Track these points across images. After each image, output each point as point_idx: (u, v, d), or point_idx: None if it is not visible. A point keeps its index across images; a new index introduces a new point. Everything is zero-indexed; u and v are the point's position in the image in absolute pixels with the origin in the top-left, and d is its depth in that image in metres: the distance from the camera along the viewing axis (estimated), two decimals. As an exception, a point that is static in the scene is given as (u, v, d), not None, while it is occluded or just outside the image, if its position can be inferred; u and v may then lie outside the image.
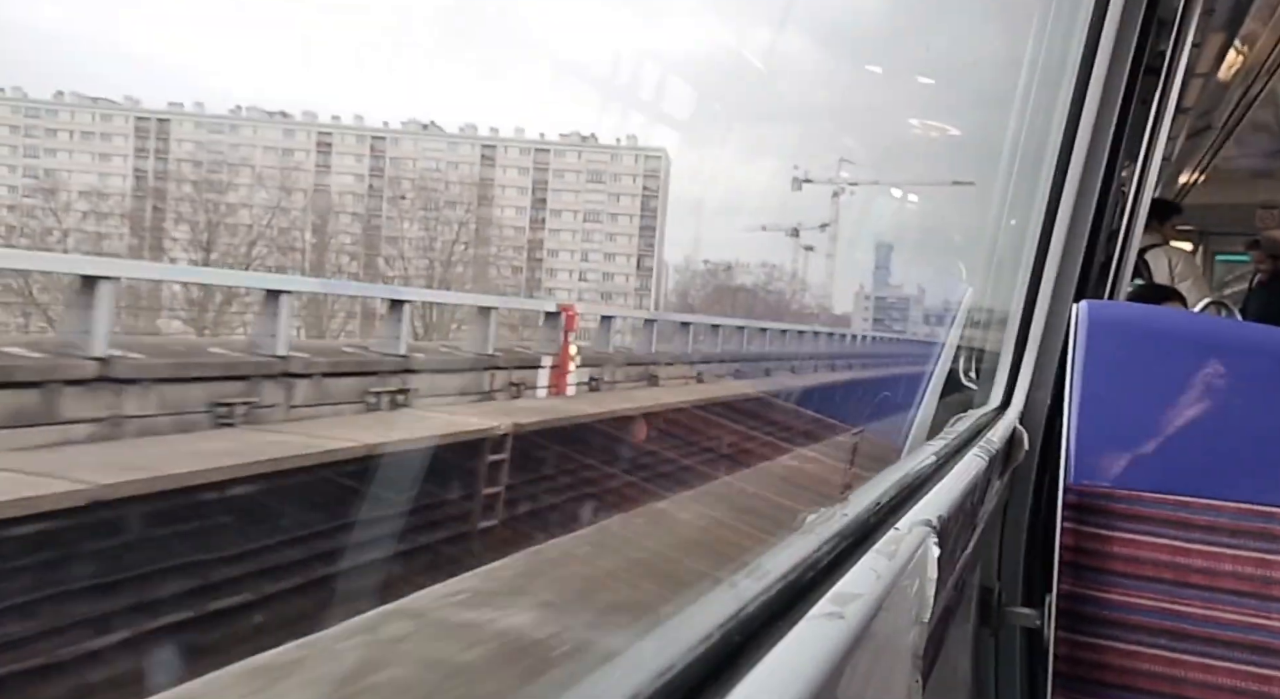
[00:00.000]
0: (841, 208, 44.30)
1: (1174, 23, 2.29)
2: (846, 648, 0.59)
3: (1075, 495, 1.74)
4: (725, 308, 46.15)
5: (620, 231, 55.00)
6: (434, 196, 50.81)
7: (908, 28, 6.57)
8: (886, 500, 0.96)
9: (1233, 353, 1.76)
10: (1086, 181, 2.04)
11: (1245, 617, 1.62)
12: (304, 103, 51.56)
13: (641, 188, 55.19)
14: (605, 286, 55.07)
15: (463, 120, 53.40)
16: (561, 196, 54.83)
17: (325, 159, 51.36)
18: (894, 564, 0.75)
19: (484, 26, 43.84)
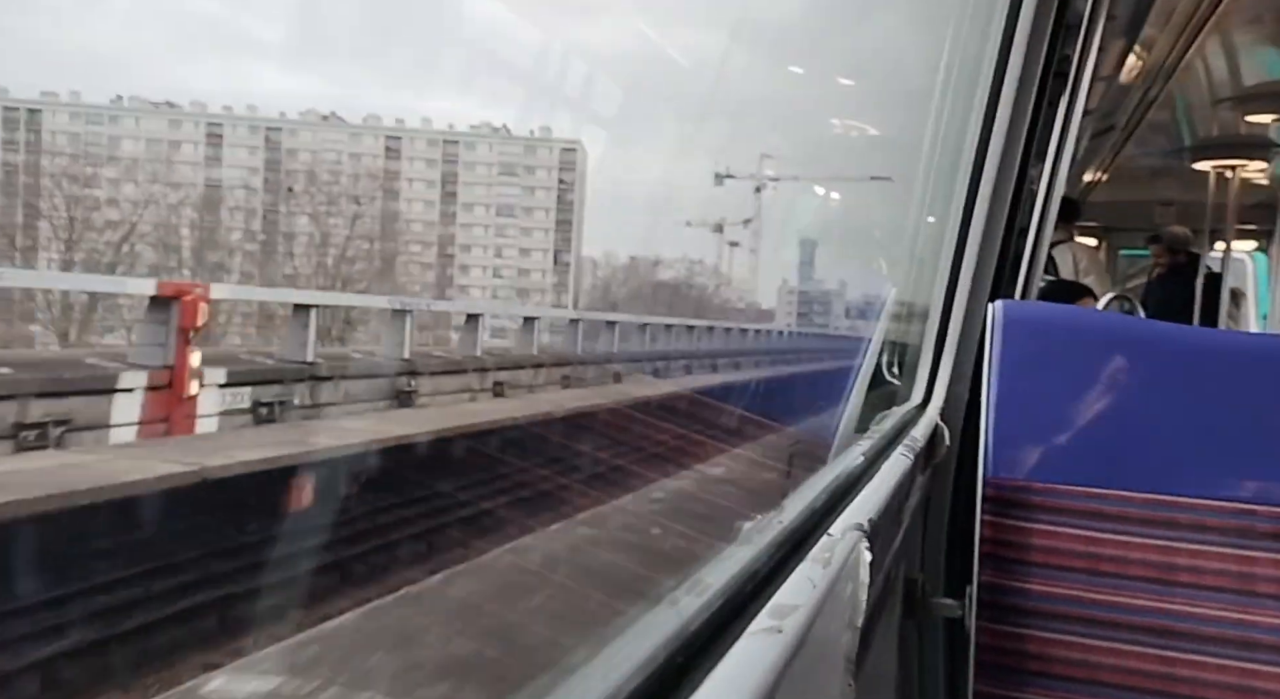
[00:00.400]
0: (764, 203, 44.13)
1: (1080, 28, 2.37)
2: (785, 661, 0.59)
3: (993, 489, 1.79)
4: (649, 303, 45.57)
5: (536, 226, 53.44)
6: (333, 190, 48.27)
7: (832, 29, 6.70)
8: (820, 505, 0.97)
9: (1137, 350, 1.83)
10: (1001, 181, 2.10)
11: (1151, 602, 1.69)
12: (193, 92, 49.24)
13: (557, 181, 53.61)
14: (521, 283, 53.33)
15: (367, 110, 51.31)
16: (473, 190, 52.99)
17: (215, 151, 48.95)
18: (829, 572, 0.76)
19: (400, 16, 42.14)
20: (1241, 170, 5.64)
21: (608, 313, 29.47)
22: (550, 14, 50.55)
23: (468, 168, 53.00)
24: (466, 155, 53.44)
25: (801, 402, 12.62)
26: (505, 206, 53.46)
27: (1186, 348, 1.84)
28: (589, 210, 56.57)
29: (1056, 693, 1.73)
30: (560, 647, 0.87)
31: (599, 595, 4.96)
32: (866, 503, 1.01)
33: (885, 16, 3.96)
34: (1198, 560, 1.69)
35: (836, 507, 0.99)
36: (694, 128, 32.65)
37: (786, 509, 0.91)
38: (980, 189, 2.09)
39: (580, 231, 54.54)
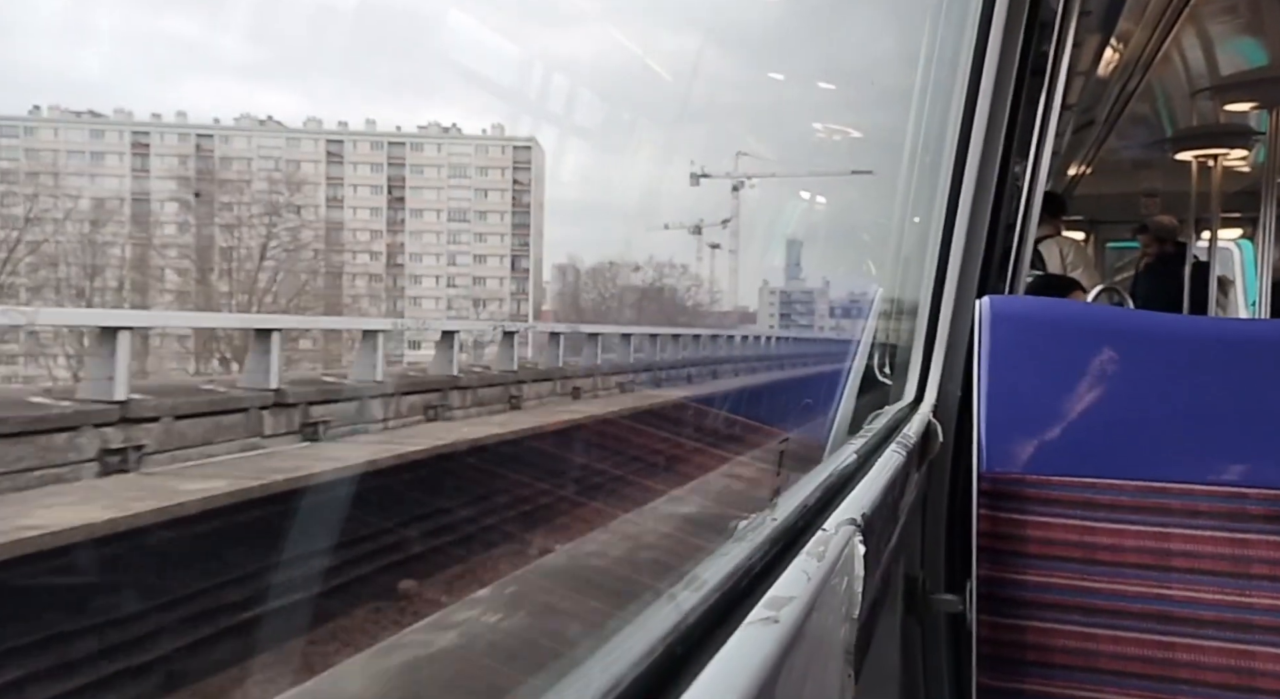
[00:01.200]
0: (742, 202, 42.21)
1: (1054, 24, 2.40)
2: (782, 651, 0.61)
3: (988, 483, 1.81)
4: (619, 311, 43.90)
5: (491, 231, 50.02)
6: (273, 199, 44.33)
7: (810, 29, 6.74)
8: (813, 502, 0.99)
9: (1125, 340, 1.86)
10: (983, 179, 2.13)
11: (1148, 588, 1.71)
12: (117, 99, 45.60)
13: (512, 181, 50.18)
14: (476, 292, 50.02)
15: (307, 114, 47.70)
16: (422, 194, 49.40)
17: (142, 162, 44.81)
18: (823, 565, 0.78)
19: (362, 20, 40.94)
20: (1223, 159, 5.69)
21: (567, 324, 28.35)
22: (517, 20, 49.30)
23: (415, 171, 49.83)
24: (414, 158, 50.16)
25: (792, 408, 12.11)
26: (457, 211, 50.44)
27: (1173, 336, 1.86)
28: (550, 213, 53.73)
29: (1058, 682, 1.74)
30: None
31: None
32: (860, 498, 1.03)
33: (862, 18, 4.00)
34: (1192, 545, 1.71)
35: (830, 503, 1.00)
36: (669, 130, 32.42)
37: (780, 507, 0.92)
38: (963, 186, 2.12)
39: (540, 235, 51.59)
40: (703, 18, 29.61)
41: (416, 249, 49.82)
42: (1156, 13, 4.13)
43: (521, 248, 50.85)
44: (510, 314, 48.36)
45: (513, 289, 51.06)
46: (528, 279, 50.53)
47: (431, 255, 49.97)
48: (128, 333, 10.80)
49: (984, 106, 2.08)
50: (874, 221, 3.23)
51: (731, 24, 36.02)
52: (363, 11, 36.15)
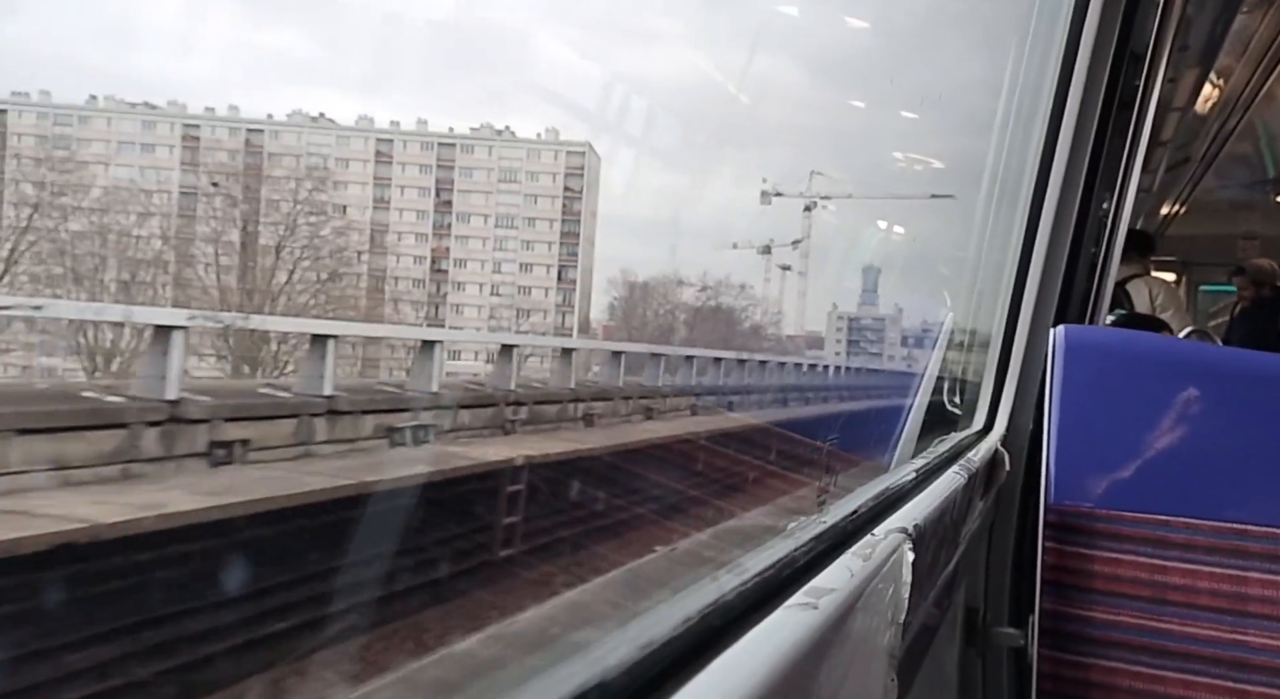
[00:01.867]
0: (814, 223, 39.39)
1: (1145, 57, 2.37)
2: (819, 637, 0.63)
3: (1056, 515, 1.78)
4: (672, 330, 42.13)
5: (539, 238, 47.96)
6: (318, 199, 43.45)
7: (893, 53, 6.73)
8: (865, 510, 1.00)
9: (1208, 376, 1.81)
10: (1063, 210, 2.10)
11: (1222, 633, 1.66)
12: (168, 91, 43.68)
13: (563, 188, 47.93)
14: (521, 302, 47.74)
15: (358, 112, 45.83)
16: (470, 198, 47.58)
17: (192, 155, 43.14)
18: (868, 565, 0.79)
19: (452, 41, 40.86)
20: (1329, 203, 5.47)
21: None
22: (602, 41, 49.01)
23: (464, 173, 47.86)
24: (464, 160, 48.14)
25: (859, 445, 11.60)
26: (505, 216, 48.27)
27: (1254, 374, 1.81)
28: (616, 226, 50.83)
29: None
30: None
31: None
32: (913, 511, 1.04)
33: (945, 43, 3.98)
34: (1272, 591, 1.65)
35: (883, 513, 1.02)
36: (746, 151, 32.04)
37: (830, 512, 0.94)
38: (1041, 219, 2.10)
39: (590, 245, 49.00)
40: (786, 40, 29.63)
41: (461, 255, 48.08)
42: (1260, 49, 4.02)
43: (570, 258, 48.67)
44: (555, 326, 46.79)
45: (558, 300, 48.67)
46: (574, 290, 48.49)
47: (476, 261, 48.19)
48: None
49: (1066, 137, 2.06)
50: (950, 252, 3.21)
51: (815, 47, 35.75)
52: (452, 30, 36.90)
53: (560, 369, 17.87)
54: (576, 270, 48.38)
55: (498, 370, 16.23)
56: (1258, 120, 4.85)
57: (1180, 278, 7.09)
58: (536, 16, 46.02)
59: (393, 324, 42.07)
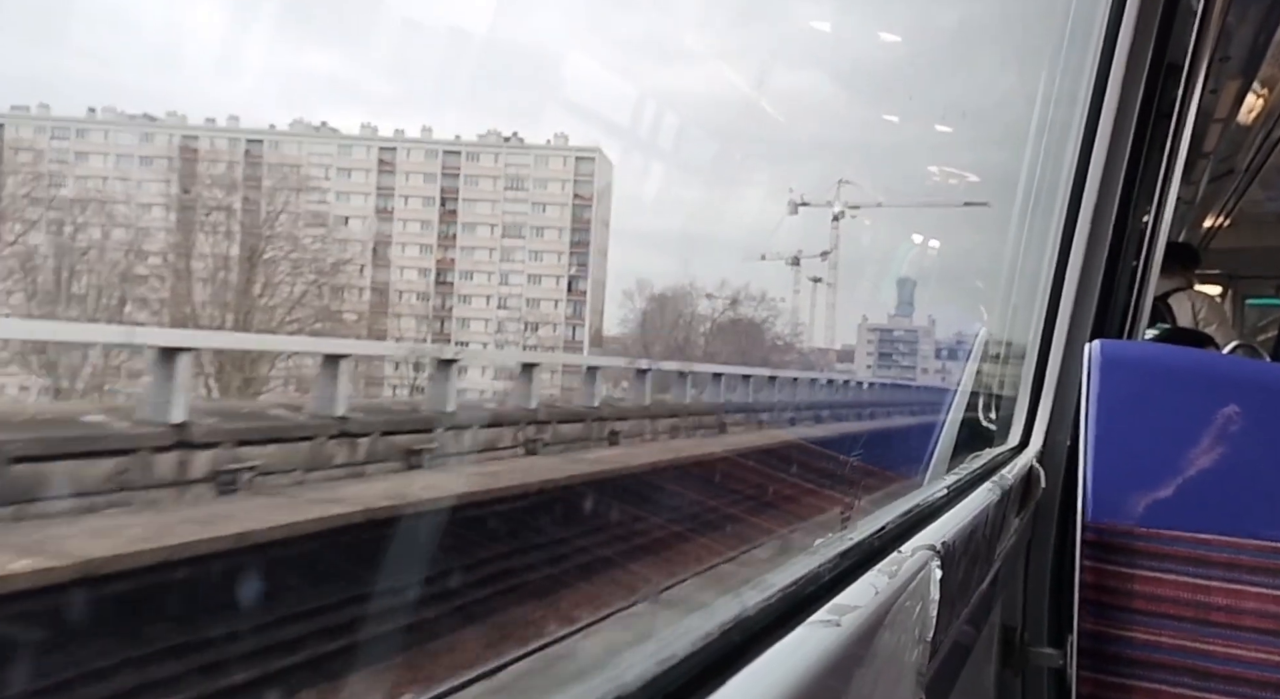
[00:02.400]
0: (843, 233, 37.63)
1: (1183, 68, 2.34)
2: (841, 654, 0.63)
3: (1094, 533, 1.75)
4: (692, 344, 39.75)
5: (547, 248, 45.79)
6: (321, 211, 41.42)
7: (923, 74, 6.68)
8: (893, 527, 0.99)
9: (1250, 391, 1.77)
10: (1099, 223, 2.08)
11: (1269, 655, 1.62)
12: (165, 102, 41.49)
13: (572, 195, 45.63)
14: (530, 315, 45.30)
15: (363, 120, 44.59)
16: (476, 207, 45.38)
17: (190, 167, 40.70)
18: (894, 583, 0.79)
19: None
20: (1380, 214, 5.34)
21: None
22: (632, 58, 48.31)
23: (470, 182, 45.71)
24: (469, 168, 45.90)
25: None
26: (513, 226, 46.01)
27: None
28: (630, 235, 48.84)
29: None
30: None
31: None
32: (942, 528, 1.03)
33: (980, 59, 3.96)
34: None
35: (911, 530, 1.01)
36: (779, 166, 31.53)
37: (858, 528, 0.94)
38: (1077, 229, 2.08)
39: (603, 256, 46.69)
40: (820, 55, 29.51)
41: (467, 266, 45.79)
42: (1304, 59, 3.94)
43: (580, 268, 46.14)
44: (566, 340, 44.84)
45: (568, 313, 46.06)
46: (585, 302, 45.96)
47: (483, 273, 45.89)
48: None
49: (1101, 149, 2.04)
50: (984, 264, 3.18)
51: (844, 60, 35.46)
52: (489, 48, 36.75)
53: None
54: (587, 282, 46.02)
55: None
56: (1304, 130, 4.75)
57: (1226, 291, 6.95)
58: (569, 34, 45.60)
59: (415, 340, 41.21)
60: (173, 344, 10.78)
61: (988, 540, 1.37)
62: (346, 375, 11.84)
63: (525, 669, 6.41)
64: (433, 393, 13.65)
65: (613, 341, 43.80)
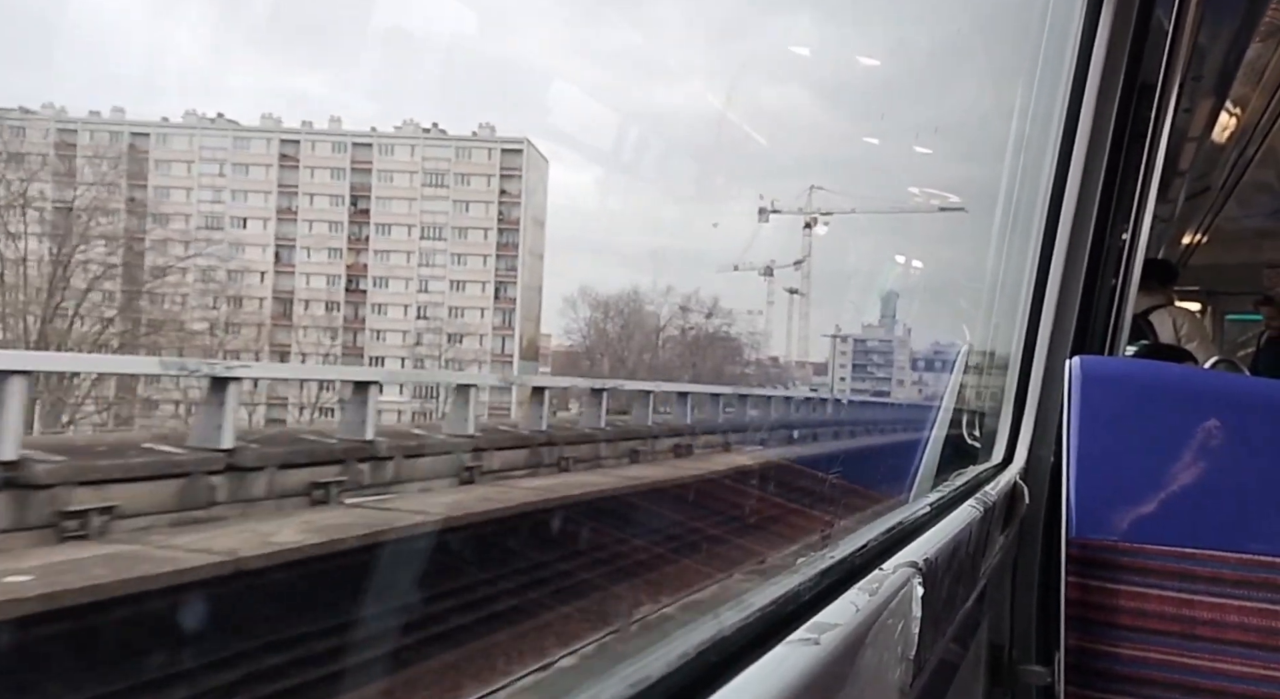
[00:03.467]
0: (815, 242, 34.47)
1: (1156, 88, 2.37)
2: (820, 672, 0.62)
3: (1078, 549, 1.75)
4: (641, 357, 36.41)
5: (472, 251, 40.65)
6: (216, 210, 37.46)
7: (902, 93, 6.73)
8: (874, 545, 0.99)
9: (1229, 405, 1.79)
10: (1076, 242, 2.10)
11: (1254, 669, 1.62)
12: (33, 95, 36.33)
13: (498, 192, 40.35)
14: (453, 326, 40.43)
15: (263, 110, 39.54)
16: (390, 206, 40.28)
17: (68, 163, 34.44)
18: (875, 600, 0.79)
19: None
20: (1355, 229, 5.41)
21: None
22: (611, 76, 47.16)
23: (384, 178, 40.42)
24: (383, 162, 40.50)
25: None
26: (432, 226, 40.86)
27: (1277, 403, 1.78)
28: (556, 231, 42.86)
29: None
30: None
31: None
32: (924, 545, 1.03)
33: (959, 78, 4.01)
34: None
35: (893, 548, 1.01)
36: (760, 183, 30.94)
37: (839, 547, 0.94)
38: (1055, 248, 2.10)
39: (538, 259, 41.98)
40: (800, 73, 29.48)
41: (382, 272, 40.77)
42: (1275, 77, 4.01)
43: (508, 273, 41.14)
44: (493, 352, 40.18)
45: (497, 322, 40.97)
46: (515, 310, 41.12)
47: (399, 279, 40.74)
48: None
49: (1077, 168, 2.06)
50: (963, 279, 3.20)
51: (828, 77, 35.47)
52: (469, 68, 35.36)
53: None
54: (517, 287, 41.25)
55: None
56: (1278, 147, 4.82)
57: (1205, 307, 7.02)
58: (553, 51, 44.70)
59: (324, 356, 36.54)
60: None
61: (971, 558, 1.37)
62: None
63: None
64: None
65: (556, 355, 39.91)
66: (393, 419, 16.68)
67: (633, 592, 9.36)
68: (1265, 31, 3.47)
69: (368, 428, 11.80)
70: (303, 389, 30.74)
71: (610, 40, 46.22)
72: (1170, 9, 2.30)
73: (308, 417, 28.78)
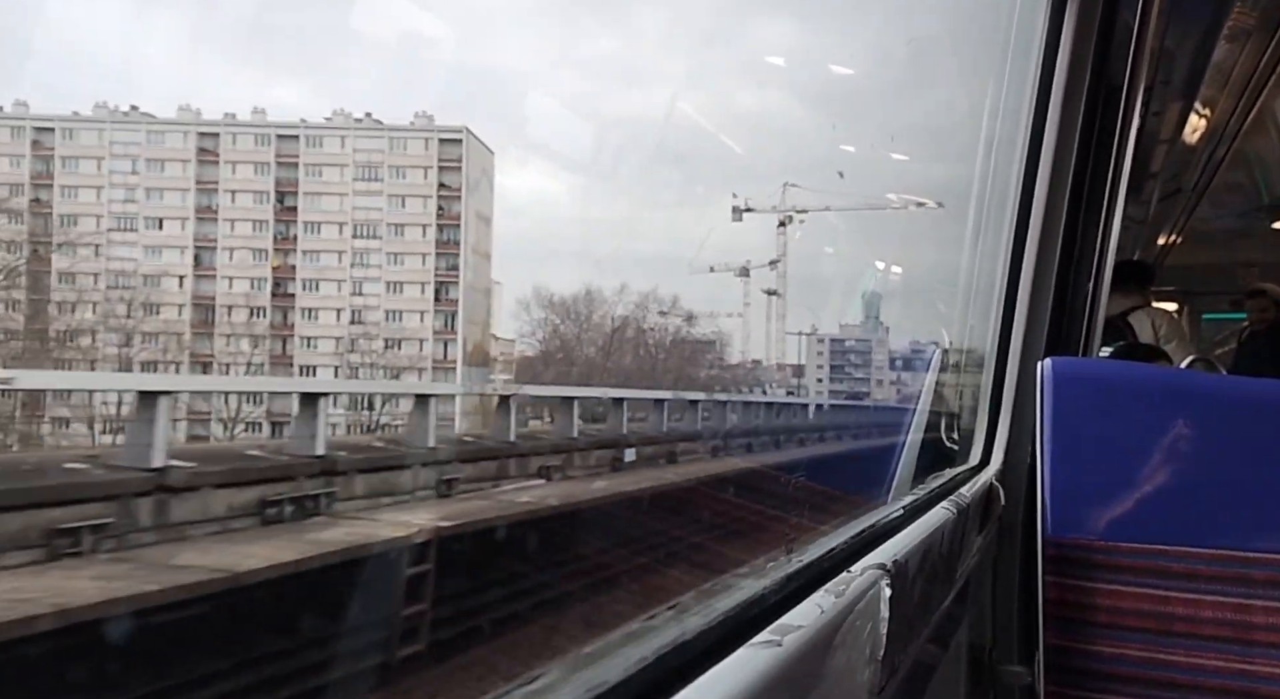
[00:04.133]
0: (790, 241, 32.44)
1: (1122, 92, 2.40)
2: (781, 674, 0.62)
3: (1054, 548, 1.76)
4: (602, 362, 34.44)
5: (409, 250, 37.86)
6: (129, 210, 35.16)
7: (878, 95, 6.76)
8: (842, 548, 1.00)
9: (1199, 403, 1.80)
10: (1046, 244, 2.12)
11: (1229, 663, 1.63)
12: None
13: (436, 185, 37.45)
14: (392, 330, 37.51)
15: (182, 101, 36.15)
16: (320, 202, 37.35)
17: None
18: (841, 602, 0.79)
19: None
20: (1326, 227, 5.49)
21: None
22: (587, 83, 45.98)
23: (312, 172, 37.39)
24: (311, 155, 37.36)
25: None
26: (366, 224, 37.95)
27: (1246, 400, 1.80)
28: (504, 229, 39.84)
29: None
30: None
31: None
32: (893, 547, 1.03)
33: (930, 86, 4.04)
34: (1277, 618, 1.63)
35: (862, 551, 1.01)
36: (746, 188, 30.41)
37: (808, 551, 0.94)
38: (1025, 251, 2.12)
39: (486, 259, 39.08)
40: (779, 78, 29.29)
41: (311, 274, 37.67)
42: (1242, 80, 4.06)
43: (450, 273, 38.02)
44: (435, 359, 37.74)
45: (438, 326, 37.75)
46: (457, 313, 38.02)
47: (331, 281, 37.69)
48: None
49: (1045, 172, 2.08)
50: (932, 279, 3.21)
51: (819, 84, 35.34)
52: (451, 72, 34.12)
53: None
54: (459, 289, 38.09)
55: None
56: (1247, 149, 4.88)
57: (1182, 307, 7.08)
58: (535, 60, 43.89)
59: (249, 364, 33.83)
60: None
61: (945, 559, 1.37)
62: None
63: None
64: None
65: (509, 361, 37.28)
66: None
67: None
68: (1230, 34, 3.52)
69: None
70: (228, 402, 28.94)
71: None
72: (1135, 11, 2.33)
73: (240, 431, 27.24)
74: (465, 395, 20.27)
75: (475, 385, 27.51)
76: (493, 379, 32.62)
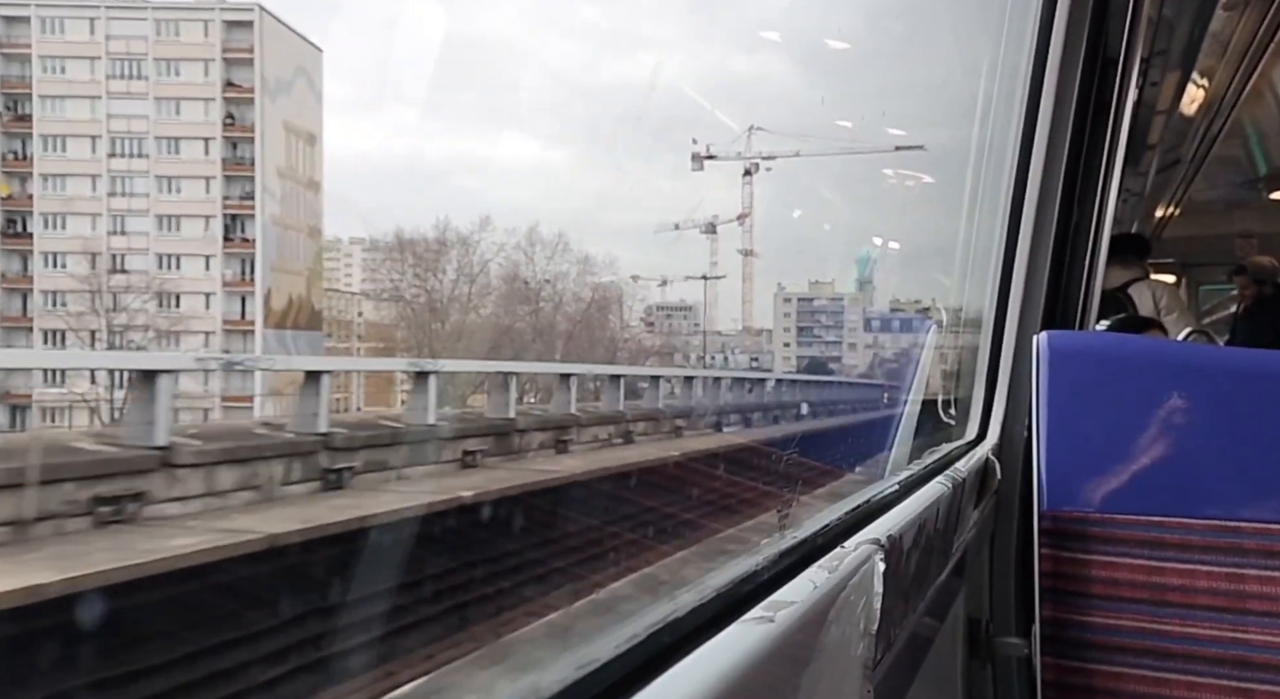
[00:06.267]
0: (757, 192, 27.30)
1: (1119, 62, 2.38)
2: (774, 650, 0.63)
3: (1050, 521, 1.77)
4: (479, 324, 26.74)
5: (188, 173, 27.47)
6: None
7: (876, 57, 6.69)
8: (837, 523, 1.00)
9: (1193, 375, 1.81)
10: (1042, 217, 2.11)
11: (1223, 632, 1.64)
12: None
13: (222, 84, 27.13)
14: (166, 283, 27.15)
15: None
16: (63, 109, 27.09)
17: None
18: (834, 577, 0.79)
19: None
20: (1323, 198, 5.48)
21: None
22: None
23: (50, 66, 26.73)
24: (48, 45, 26.62)
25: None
26: (126, 136, 27.29)
27: (1240, 371, 1.80)
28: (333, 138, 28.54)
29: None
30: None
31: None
32: (888, 522, 1.04)
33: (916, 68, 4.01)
34: (1269, 587, 1.64)
35: (856, 526, 1.01)
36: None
37: (803, 526, 0.94)
38: (1022, 223, 2.11)
39: (311, 186, 28.31)
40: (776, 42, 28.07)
41: (53, 207, 27.29)
42: (1239, 50, 4.04)
43: (244, 203, 27.71)
44: (226, 317, 27.60)
45: (229, 275, 27.72)
46: (254, 258, 27.64)
47: (82, 216, 27.29)
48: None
49: (1041, 143, 2.07)
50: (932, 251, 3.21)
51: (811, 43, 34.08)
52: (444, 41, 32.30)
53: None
54: (255, 224, 27.71)
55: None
56: (1244, 119, 4.86)
57: (1180, 279, 7.08)
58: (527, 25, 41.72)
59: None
60: None
61: (941, 533, 1.38)
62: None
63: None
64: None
65: (348, 323, 28.06)
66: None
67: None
68: (1228, 2, 3.49)
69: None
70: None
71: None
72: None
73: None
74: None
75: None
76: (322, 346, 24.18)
